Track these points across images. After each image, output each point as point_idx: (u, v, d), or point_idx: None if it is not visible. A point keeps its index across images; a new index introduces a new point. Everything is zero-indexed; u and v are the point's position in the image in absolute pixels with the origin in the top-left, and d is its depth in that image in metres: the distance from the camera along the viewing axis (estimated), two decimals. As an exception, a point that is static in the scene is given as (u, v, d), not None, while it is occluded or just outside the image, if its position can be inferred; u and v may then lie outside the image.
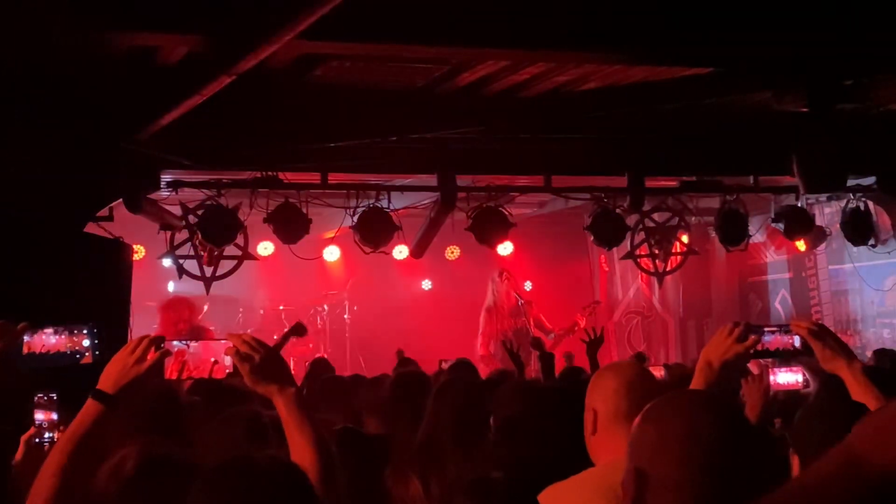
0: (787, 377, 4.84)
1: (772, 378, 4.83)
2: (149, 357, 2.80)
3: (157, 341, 2.86)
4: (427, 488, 4.23)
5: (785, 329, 3.41)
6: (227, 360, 3.08)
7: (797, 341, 3.39)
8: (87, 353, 3.24)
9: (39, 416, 3.62)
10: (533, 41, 6.26)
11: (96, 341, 3.40)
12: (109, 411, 2.74)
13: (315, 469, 2.65)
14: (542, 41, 6.26)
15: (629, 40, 6.33)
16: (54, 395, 3.57)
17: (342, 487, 2.85)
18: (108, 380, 2.79)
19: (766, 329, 3.38)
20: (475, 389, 4.86)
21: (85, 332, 3.38)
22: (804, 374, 4.85)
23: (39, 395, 3.60)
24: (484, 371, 9.96)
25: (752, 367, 5.23)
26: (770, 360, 5.21)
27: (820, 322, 3.50)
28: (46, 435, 3.58)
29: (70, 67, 6.58)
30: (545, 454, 3.70)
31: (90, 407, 2.76)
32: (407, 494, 4.22)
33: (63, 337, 3.39)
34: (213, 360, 3.27)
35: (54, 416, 3.59)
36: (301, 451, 2.69)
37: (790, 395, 4.83)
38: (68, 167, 7.22)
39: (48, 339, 3.39)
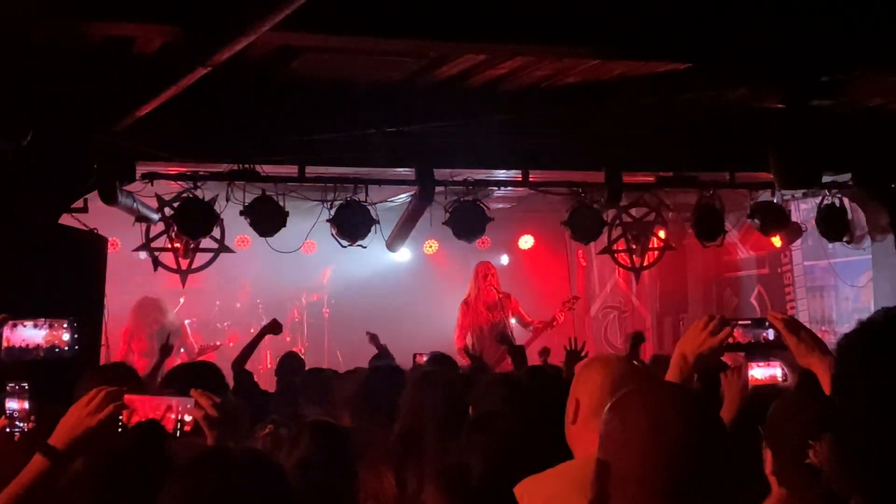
0: (764, 372, 4.85)
1: (749, 373, 4.83)
2: (104, 411, 2.73)
3: (115, 395, 2.78)
4: (403, 482, 4.22)
5: (759, 323, 3.42)
6: (188, 418, 2.92)
7: (771, 335, 3.40)
8: (66, 349, 3.21)
9: (12, 405, 3.58)
10: (511, 35, 6.25)
11: (76, 335, 3.37)
12: (56, 468, 2.68)
13: None
14: (520, 35, 6.26)
15: (607, 35, 6.33)
16: (25, 385, 3.53)
17: None
18: (60, 433, 2.72)
19: (740, 322, 3.39)
20: (457, 382, 4.86)
21: (65, 325, 3.35)
22: (783, 369, 4.85)
23: (11, 384, 3.56)
24: (462, 364, 9.99)
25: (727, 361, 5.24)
26: (745, 354, 5.23)
27: (793, 317, 3.51)
28: (18, 424, 3.54)
29: (45, 57, 6.54)
30: (519, 447, 3.71)
31: (37, 462, 2.69)
32: (381, 488, 4.21)
33: (44, 331, 3.36)
34: (168, 407, 2.94)
35: (26, 406, 3.55)
36: None
37: (772, 390, 4.83)
38: (43, 158, 7.17)
39: (28, 333, 3.36)
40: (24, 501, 2.64)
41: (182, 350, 11.21)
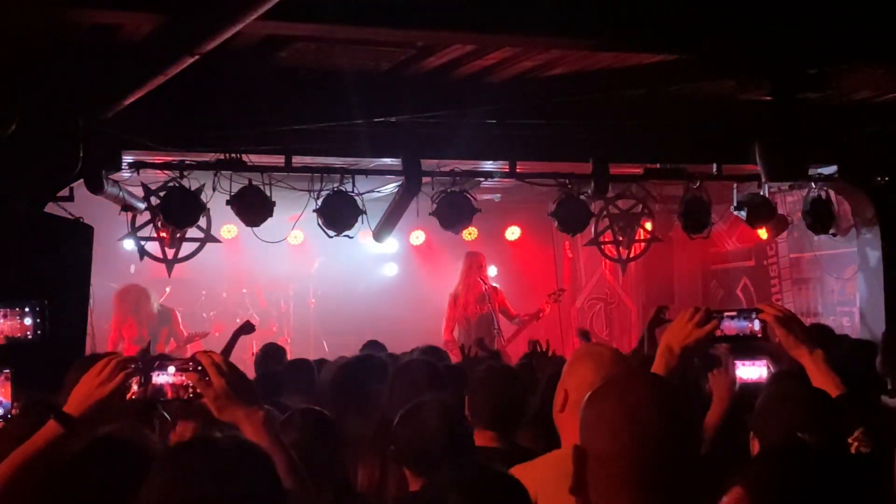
0: (751, 370, 4.84)
1: (736, 372, 4.83)
2: (114, 379, 2.72)
3: (124, 363, 2.77)
4: (384, 472, 4.23)
5: (746, 314, 3.42)
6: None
7: (757, 325, 3.40)
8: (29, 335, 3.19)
9: None
10: (499, 26, 6.25)
11: (38, 319, 3.35)
12: (69, 434, 2.68)
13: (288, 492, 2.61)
14: (508, 26, 6.25)
15: (595, 26, 6.33)
16: (7, 371, 3.52)
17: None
18: (73, 402, 2.72)
19: (726, 314, 3.38)
20: (433, 373, 4.87)
21: (27, 310, 3.33)
22: (769, 367, 4.85)
23: None
24: (452, 356, 9.99)
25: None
26: (731, 351, 5.23)
27: (788, 309, 3.51)
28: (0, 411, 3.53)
29: (31, 45, 6.50)
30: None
31: (50, 427, 2.69)
32: (363, 478, 4.22)
33: (4, 320, 3.34)
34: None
35: (9, 392, 3.53)
36: None
37: (759, 388, 4.82)
38: (28, 146, 7.14)
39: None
40: (33, 466, 2.63)
41: (171, 338, 11.18)
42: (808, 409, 2.90)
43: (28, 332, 3.34)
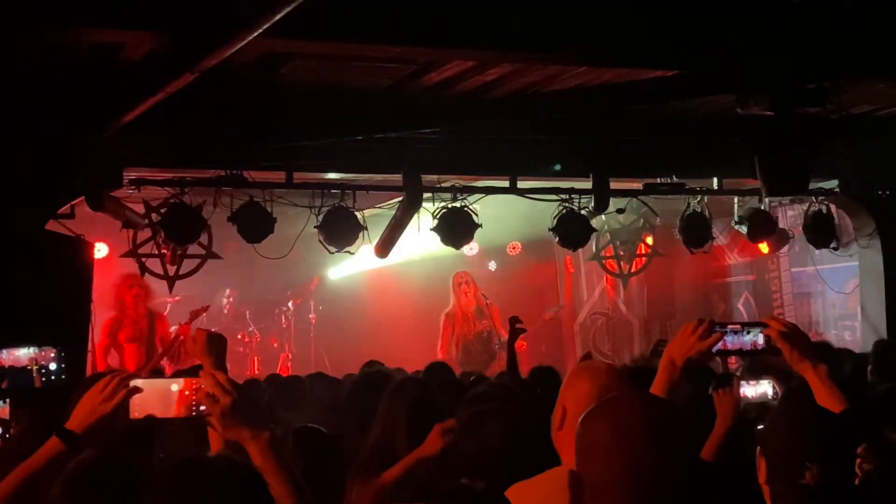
0: (755, 389, 4.82)
1: (740, 391, 4.81)
2: (117, 396, 2.70)
3: (127, 380, 2.75)
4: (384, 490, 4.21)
5: (750, 328, 3.40)
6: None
7: (761, 340, 3.38)
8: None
9: None
10: (499, 42, 6.26)
11: (63, 365, 3.35)
12: (72, 451, 2.68)
13: None
14: (508, 42, 6.26)
15: (595, 42, 6.34)
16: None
17: None
18: (76, 419, 2.71)
19: (730, 327, 3.36)
20: (428, 390, 4.86)
21: (52, 354, 3.34)
22: (774, 387, 4.83)
23: None
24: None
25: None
26: (737, 372, 5.22)
27: (793, 323, 3.48)
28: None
29: (33, 63, 6.52)
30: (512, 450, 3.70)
31: (53, 444, 2.68)
32: (362, 495, 4.21)
33: (30, 354, 3.34)
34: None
35: (7, 412, 3.52)
36: (279, 497, 2.55)
37: (763, 408, 4.79)
38: (29, 164, 7.14)
39: (14, 355, 3.35)
40: (37, 482, 2.64)
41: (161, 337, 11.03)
42: (816, 433, 2.88)
43: (53, 376, 3.36)
